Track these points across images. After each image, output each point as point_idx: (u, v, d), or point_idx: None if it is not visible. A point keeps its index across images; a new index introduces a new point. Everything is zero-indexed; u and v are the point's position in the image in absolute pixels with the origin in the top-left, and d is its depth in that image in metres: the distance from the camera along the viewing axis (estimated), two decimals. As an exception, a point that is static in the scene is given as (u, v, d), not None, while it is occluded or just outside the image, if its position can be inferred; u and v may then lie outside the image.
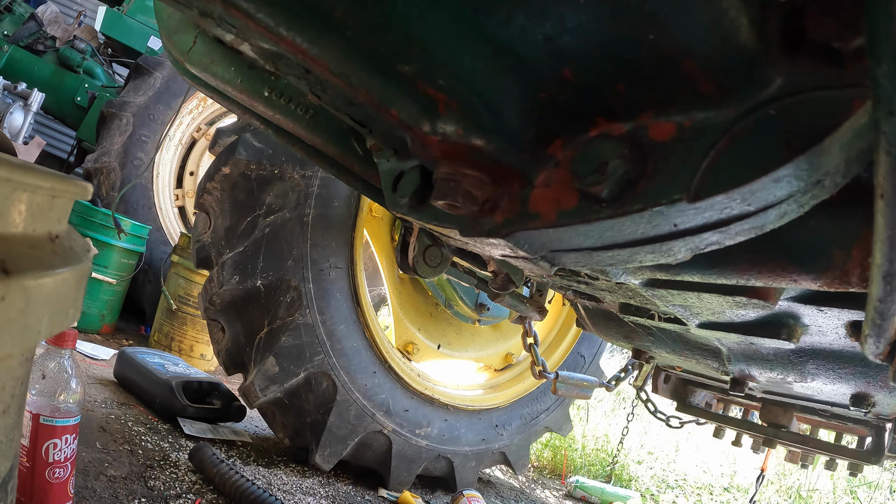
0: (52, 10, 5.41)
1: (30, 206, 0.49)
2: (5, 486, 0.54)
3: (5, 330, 0.43)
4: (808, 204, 0.50)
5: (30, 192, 0.49)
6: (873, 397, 1.03)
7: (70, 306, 0.54)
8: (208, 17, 0.61)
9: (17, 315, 0.44)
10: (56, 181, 0.52)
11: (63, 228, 0.57)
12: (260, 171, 1.86)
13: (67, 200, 0.57)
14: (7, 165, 0.44)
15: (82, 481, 1.47)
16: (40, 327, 0.48)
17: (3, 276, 0.42)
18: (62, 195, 0.55)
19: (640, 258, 0.60)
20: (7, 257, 0.43)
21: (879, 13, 0.28)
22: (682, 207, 0.49)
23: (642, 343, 1.27)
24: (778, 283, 0.65)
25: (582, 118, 0.57)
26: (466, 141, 0.61)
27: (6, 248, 0.44)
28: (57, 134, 7.07)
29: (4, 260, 0.43)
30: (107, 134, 3.76)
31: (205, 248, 1.96)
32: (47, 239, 0.52)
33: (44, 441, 1.21)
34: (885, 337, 0.54)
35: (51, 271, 0.48)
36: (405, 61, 0.57)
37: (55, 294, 0.50)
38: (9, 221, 0.46)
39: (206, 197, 1.94)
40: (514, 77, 0.58)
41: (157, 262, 3.57)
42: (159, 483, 1.60)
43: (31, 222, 0.49)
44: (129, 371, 2.30)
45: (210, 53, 0.94)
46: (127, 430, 1.88)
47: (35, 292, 0.46)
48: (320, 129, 0.94)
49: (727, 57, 0.47)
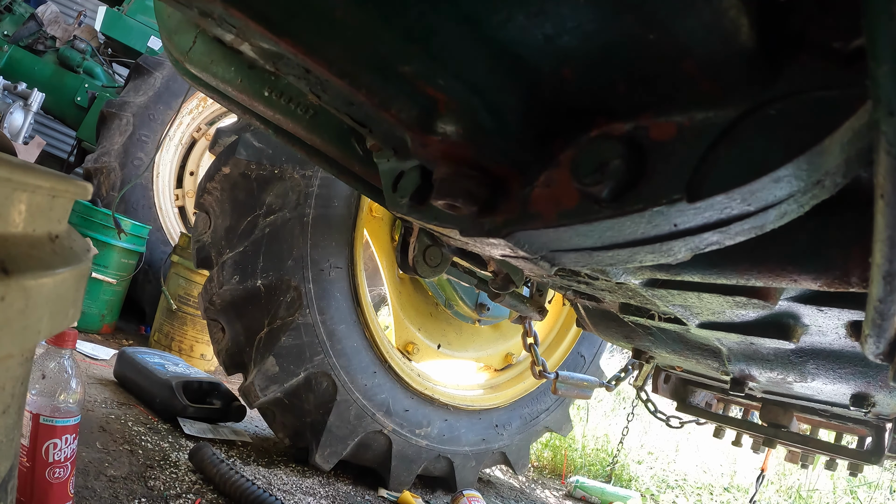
0: (52, 10, 5.41)
1: (30, 207, 0.49)
2: (5, 486, 0.54)
3: (5, 330, 0.43)
4: (808, 204, 0.50)
5: (30, 193, 0.49)
6: (873, 397, 1.03)
7: (70, 306, 0.54)
8: (208, 17, 0.61)
9: (17, 315, 0.44)
10: (56, 181, 0.52)
11: (63, 228, 0.57)
12: (260, 171, 1.86)
13: (67, 200, 0.57)
14: (7, 165, 0.44)
15: (82, 481, 1.46)
16: (40, 327, 0.48)
17: (3, 277, 0.42)
18: (62, 195, 0.55)
19: (640, 258, 0.60)
20: (7, 257, 0.43)
21: (879, 13, 0.28)
22: (682, 207, 0.49)
23: (642, 343, 1.27)
24: (778, 283, 0.65)
25: (582, 118, 0.57)
26: (466, 141, 0.61)
27: (6, 248, 0.44)
28: (57, 134, 7.07)
29: (4, 260, 0.43)
30: (107, 134, 3.76)
31: (205, 248, 1.96)
32: (47, 239, 0.52)
33: (44, 441, 1.21)
34: (885, 337, 0.54)
35: (51, 271, 0.48)
36: (405, 61, 0.57)
37: (55, 294, 0.50)
38: (8, 221, 0.46)
39: (206, 197, 1.94)
40: (515, 77, 0.58)
41: (157, 262, 3.57)
42: (159, 483, 1.60)
43: (31, 222, 0.49)
44: (129, 371, 2.30)
45: (210, 53, 0.94)
46: (127, 430, 1.88)
47: (35, 292, 0.46)
48: (320, 129, 0.94)
49: (727, 57, 0.47)
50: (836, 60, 0.43)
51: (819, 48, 0.43)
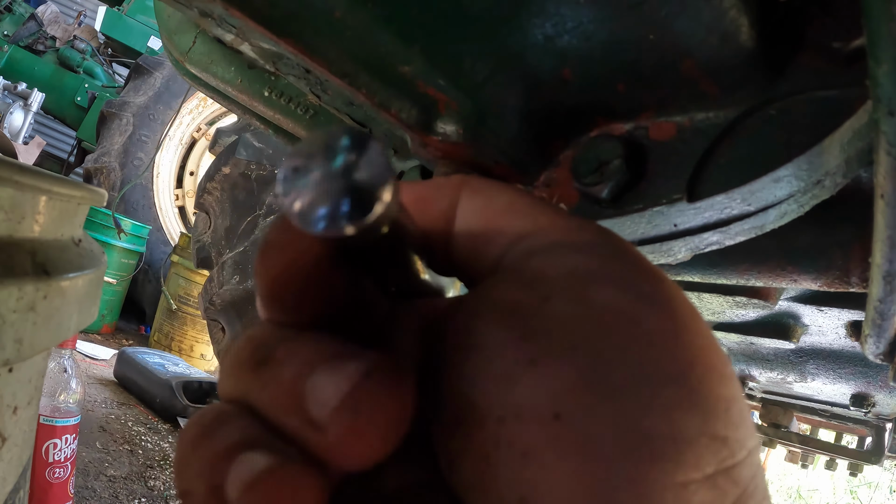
0: (52, 10, 5.41)
1: (60, 214, 0.54)
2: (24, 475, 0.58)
3: (46, 326, 0.47)
4: (808, 204, 0.50)
5: (61, 201, 0.53)
6: (873, 397, 1.03)
7: (93, 304, 0.58)
8: (208, 17, 0.61)
9: (55, 312, 0.48)
10: (79, 190, 0.56)
11: (81, 233, 0.61)
12: (260, 171, 1.86)
13: (86, 207, 0.61)
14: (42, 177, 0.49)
15: (82, 481, 1.46)
16: (70, 324, 0.52)
17: (45, 278, 0.46)
18: (84, 202, 0.59)
19: (640, 258, 0.60)
20: (46, 260, 0.48)
21: (879, 13, 0.28)
22: (682, 207, 0.49)
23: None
24: (778, 283, 0.65)
25: (582, 118, 0.57)
26: (466, 141, 0.61)
27: (44, 251, 0.49)
28: (57, 134, 7.06)
29: (45, 263, 0.47)
30: (107, 134, 3.76)
31: (205, 248, 1.96)
32: (72, 243, 0.57)
33: (44, 441, 1.21)
34: (885, 337, 0.54)
35: (80, 272, 0.53)
36: (405, 61, 0.57)
37: (83, 293, 0.54)
38: (44, 228, 0.51)
39: (207, 197, 1.94)
40: (514, 77, 0.58)
41: (157, 262, 3.57)
42: (159, 483, 1.60)
43: (60, 228, 0.54)
44: (129, 371, 2.30)
45: (210, 53, 0.94)
46: (127, 430, 1.88)
47: (69, 292, 0.51)
48: (320, 129, 0.94)
49: (727, 57, 0.47)
50: (836, 60, 0.43)
51: (819, 48, 0.43)
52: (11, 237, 0.47)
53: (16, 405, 0.52)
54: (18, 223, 0.47)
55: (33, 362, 0.54)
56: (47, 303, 0.47)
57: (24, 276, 0.45)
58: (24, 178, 0.47)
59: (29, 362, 0.52)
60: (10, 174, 0.45)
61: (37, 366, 0.56)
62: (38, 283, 0.46)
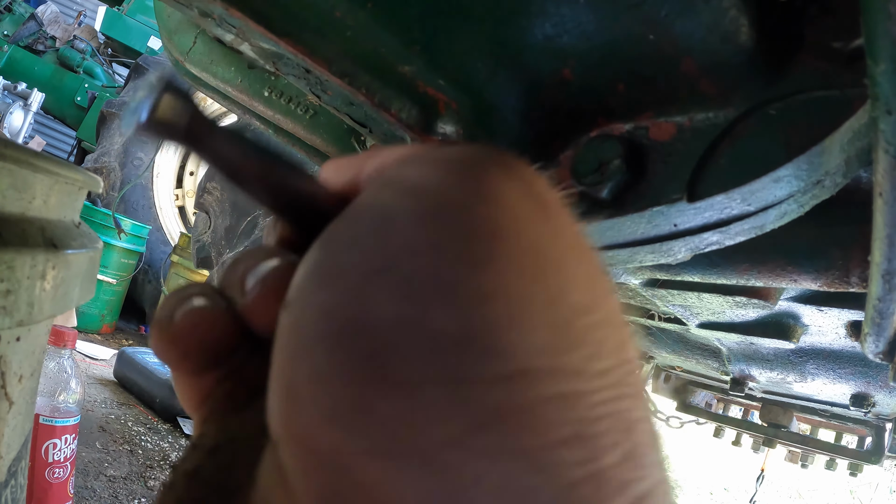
0: (52, 10, 5.41)
1: (65, 197, 0.60)
2: (25, 445, 0.62)
3: (54, 294, 0.53)
4: (808, 204, 0.50)
5: (66, 184, 0.59)
6: (873, 397, 1.03)
7: (91, 282, 0.64)
8: (208, 17, 0.61)
9: (62, 283, 0.54)
10: (80, 174, 0.62)
11: (79, 217, 0.67)
12: (260, 171, 1.86)
13: (84, 192, 0.66)
14: (49, 161, 0.54)
15: (82, 481, 1.47)
16: (73, 295, 0.58)
17: (54, 250, 0.52)
18: (84, 187, 0.64)
19: (640, 258, 0.60)
20: (54, 236, 0.54)
21: (878, 13, 0.28)
22: (682, 207, 0.49)
23: (642, 343, 1.27)
24: (778, 283, 0.65)
25: (582, 118, 0.57)
26: (466, 141, 0.61)
27: (52, 229, 0.55)
28: (57, 134, 7.06)
29: (52, 238, 0.54)
30: (107, 134, 3.76)
31: (205, 248, 1.96)
32: (73, 224, 0.62)
33: (43, 441, 1.21)
34: (884, 336, 0.54)
35: (83, 250, 0.59)
36: (405, 61, 0.57)
37: (84, 269, 0.60)
38: (51, 209, 0.57)
39: (206, 197, 1.94)
40: (514, 77, 0.58)
41: (157, 262, 3.57)
42: (159, 483, 1.60)
43: (63, 210, 0.60)
44: (129, 371, 2.30)
45: (210, 53, 0.94)
46: (127, 430, 1.88)
47: (74, 265, 0.56)
48: (320, 129, 0.94)
49: (727, 57, 0.47)
50: (836, 60, 0.43)
51: (819, 48, 0.44)
52: (24, 214, 0.52)
53: (21, 374, 0.57)
54: (30, 202, 0.53)
55: (37, 334, 0.59)
56: (55, 273, 0.52)
57: (37, 247, 0.50)
58: (37, 161, 0.53)
59: (34, 333, 0.57)
60: (26, 157, 0.51)
61: (39, 339, 0.61)
62: (47, 254, 0.51)
